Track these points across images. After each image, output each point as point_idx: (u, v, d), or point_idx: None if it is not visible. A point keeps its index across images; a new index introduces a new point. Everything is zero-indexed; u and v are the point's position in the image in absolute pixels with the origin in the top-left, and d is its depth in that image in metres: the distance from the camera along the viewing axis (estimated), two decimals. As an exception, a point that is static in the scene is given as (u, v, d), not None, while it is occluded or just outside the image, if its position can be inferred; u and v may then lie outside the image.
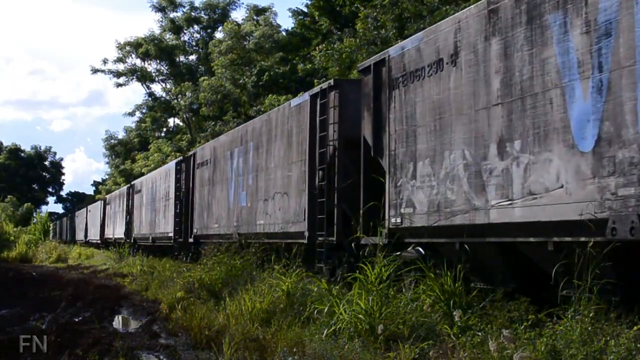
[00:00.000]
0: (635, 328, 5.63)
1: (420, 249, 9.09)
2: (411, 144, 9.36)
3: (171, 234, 23.67)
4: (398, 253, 8.81)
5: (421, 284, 8.00)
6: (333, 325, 7.64)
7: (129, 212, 32.61)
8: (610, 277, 6.11)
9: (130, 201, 32.52)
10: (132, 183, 32.61)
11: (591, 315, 5.88)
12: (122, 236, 33.26)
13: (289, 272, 10.00)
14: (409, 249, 9.17)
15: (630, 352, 5.32)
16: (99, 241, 42.84)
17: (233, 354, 7.65)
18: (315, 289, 9.29)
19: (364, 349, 6.81)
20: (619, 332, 5.65)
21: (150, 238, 27.56)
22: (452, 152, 8.41)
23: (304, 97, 13.84)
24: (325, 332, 7.54)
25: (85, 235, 51.51)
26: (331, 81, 12.62)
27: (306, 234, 12.69)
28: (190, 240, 21.80)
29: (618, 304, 6.15)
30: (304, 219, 12.83)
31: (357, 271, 8.24)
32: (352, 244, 10.16)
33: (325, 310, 8.15)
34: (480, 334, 6.46)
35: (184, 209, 22.97)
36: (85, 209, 54.83)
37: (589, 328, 5.74)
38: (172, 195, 23.99)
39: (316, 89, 13.09)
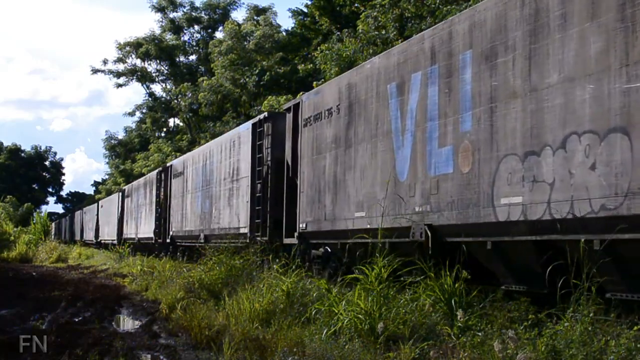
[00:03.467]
0: (635, 328, 5.63)
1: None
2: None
3: (246, 230, 16.18)
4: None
5: (421, 284, 8.00)
6: (333, 325, 7.64)
7: (162, 204, 26.47)
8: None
9: (164, 189, 26.32)
10: (168, 164, 26.96)
11: (591, 315, 5.88)
12: (151, 235, 27.54)
13: (289, 272, 10.02)
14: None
15: (630, 352, 5.33)
16: (114, 241, 35.97)
17: (233, 354, 7.65)
18: (315, 289, 9.31)
19: (364, 349, 6.81)
20: (619, 332, 5.65)
21: (202, 236, 20.36)
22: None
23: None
24: (325, 332, 7.55)
25: (97, 235, 45.49)
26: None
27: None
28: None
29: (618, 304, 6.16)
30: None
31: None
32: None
33: (325, 310, 8.16)
34: (480, 334, 6.46)
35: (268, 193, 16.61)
36: (96, 204, 48.87)
37: (589, 328, 5.75)
38: (244, 171, 16.86)
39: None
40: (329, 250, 12.05)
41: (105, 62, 53.98)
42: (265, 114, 15.76)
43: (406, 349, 6.53)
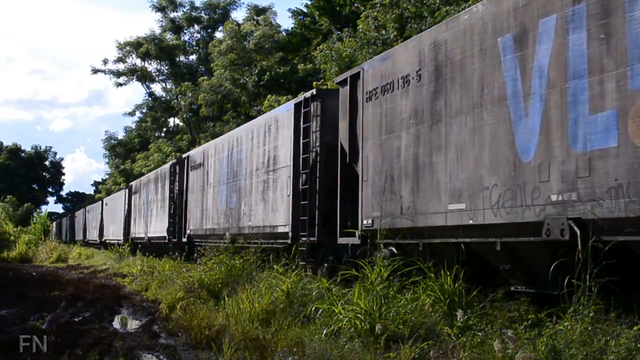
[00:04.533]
0: (635, 328, 5.63)
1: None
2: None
3: (287, 228, 13.84)
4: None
5: (421, 284, 8.00)
6: (333, 325, 7.64)
7: (177, 200, 24.00)
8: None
9: (179, 183, 23.96)
10: (184, 156, 24.44)
11: (591, 315, 5.88)
12: (164, 234, 25.14)
13: (289, 272, 10.02)
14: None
15: (630, 352, 5.33)
16: (120, 241, 34.14)
17: (233, 354, 7.65)
18: (315, 289, 9.30)
19: (364, 349, 6.81)
20: (619, 332, 5.65)
21: (228, 236, 17.57)
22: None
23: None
24: (325, 332, 7.55)
25: (101, 235, 43.47)
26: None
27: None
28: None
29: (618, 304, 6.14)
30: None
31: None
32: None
33: (324, 309, 8.16)
34: (480, 334, 6.46)
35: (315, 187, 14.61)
36: (100, 202, 46.80)
37: (589, 328, 5.75)
38: (283, 160, 14.47)
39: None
40: (395, 251, 9.73)
41: (105, 61, 54.07)
42: (313, 91, 13.42)
43: (406, 349, 6.53)
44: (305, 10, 37.47)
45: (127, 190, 34.96)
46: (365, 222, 10.49)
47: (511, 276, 7.87)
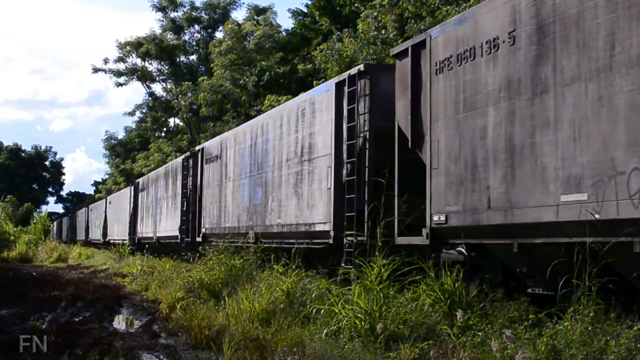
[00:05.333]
0: (635, 328, 5.63)
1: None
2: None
3: (327, 226, 12.10)
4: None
5: (421, 284, 7.99)
6: (333, 325, 7.64)
7: (189, 196, 22.12)
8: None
9: (192, 178, 22.11)
10: (198, 148, 22.24)
11: (591, 315, 5.88)
12: (175, 233, 23.34)
13: (289, 272, 10.00)
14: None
15: (630, 352, 5.33)
16: (126, 241, 32.86)
17: (233, 354, 7.66)
18: (315, 289, 9.30)
19: (364, 349, 6.81)
20: (619, 332, 5.65)
21: (252, 235, 15.87)
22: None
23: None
24: (325, 332, 7.55)
25: (104, 234, 41.93)
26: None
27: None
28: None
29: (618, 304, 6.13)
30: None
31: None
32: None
33: (324, 309, 8.16)
34: (480, 334, 6.46)
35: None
36: (104, 200, 45.45)
37: (589, 328, 5.75)
38: (321, 148, 12.68)
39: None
40: (465, 252, 8.48)
41: (105, 61, 54.15)
42: (361, 67, 11.65)
43: (406, 349, 6.53)
44: (305, 10, 37.50)
45: (132, 188, 33.70)
46: (435, 218, 8.78)
47: None
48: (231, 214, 17.70)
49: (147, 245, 28.85)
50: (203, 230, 20.20)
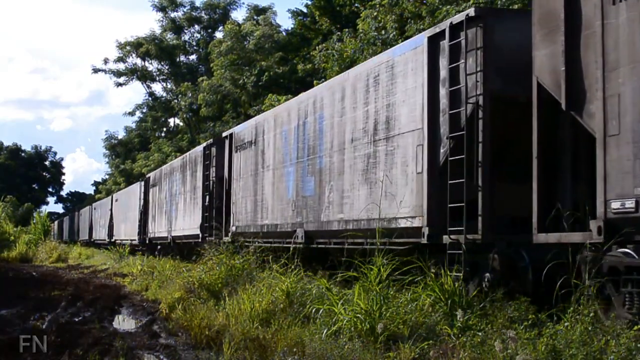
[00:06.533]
0: (635, 328, 5.63)
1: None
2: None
3: (418, 221, 9.54)
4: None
5: (421, 284, 7.99)
6: (333, 325, 7.64)
7: (213, 190, 19.82)
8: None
9: (216, 168, 19.77)
10: (226, 134, 19.43)
11: (591, 315, 5.89)
12: (196, 232, 20.85)
13: (288, 272, 10.00)
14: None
15: (630, 352, 5.33)
16: (135, 241, 30.69)
17: (233, 354, 7.66)
18: (315, 289, 9.30)
19: (364, 349, 6.81)
20: (619, 332, 5.65)
21: (300, 234, 13.38)
22: None
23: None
24: (325, 332, 7.55)
25: (110, 234, 39.61)
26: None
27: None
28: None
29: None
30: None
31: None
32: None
33: (324, 309, 8.16)
34: (480, 334, 6.47)
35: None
36: (110, 197, 42.93)
37: (589, 328, 5.75)
38: (405, 123, 10.19)
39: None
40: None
41: (106, 61, 54.15)
42: (471, 11, 9.06)
43: (406, 349, 6.53)
44: (305, 10, 37.50)
45: (142, 184, 31.34)
46: (615, 205, 6.30)
47: None
48: (271, 209, 15.16)
49: (159, 246, 26.70)
50: (232, 228, 17.56)
